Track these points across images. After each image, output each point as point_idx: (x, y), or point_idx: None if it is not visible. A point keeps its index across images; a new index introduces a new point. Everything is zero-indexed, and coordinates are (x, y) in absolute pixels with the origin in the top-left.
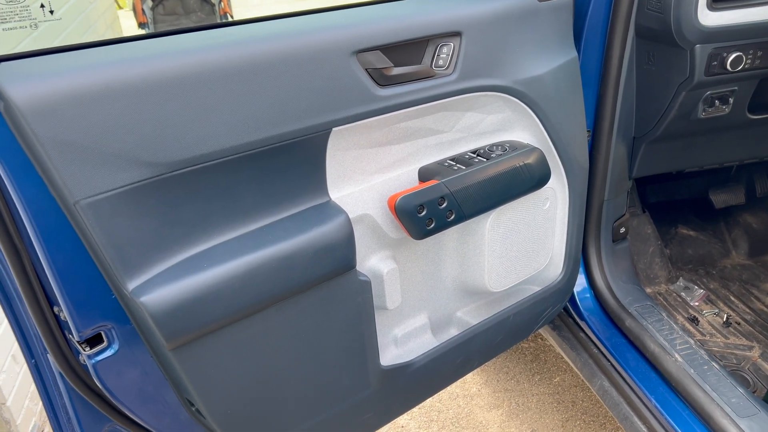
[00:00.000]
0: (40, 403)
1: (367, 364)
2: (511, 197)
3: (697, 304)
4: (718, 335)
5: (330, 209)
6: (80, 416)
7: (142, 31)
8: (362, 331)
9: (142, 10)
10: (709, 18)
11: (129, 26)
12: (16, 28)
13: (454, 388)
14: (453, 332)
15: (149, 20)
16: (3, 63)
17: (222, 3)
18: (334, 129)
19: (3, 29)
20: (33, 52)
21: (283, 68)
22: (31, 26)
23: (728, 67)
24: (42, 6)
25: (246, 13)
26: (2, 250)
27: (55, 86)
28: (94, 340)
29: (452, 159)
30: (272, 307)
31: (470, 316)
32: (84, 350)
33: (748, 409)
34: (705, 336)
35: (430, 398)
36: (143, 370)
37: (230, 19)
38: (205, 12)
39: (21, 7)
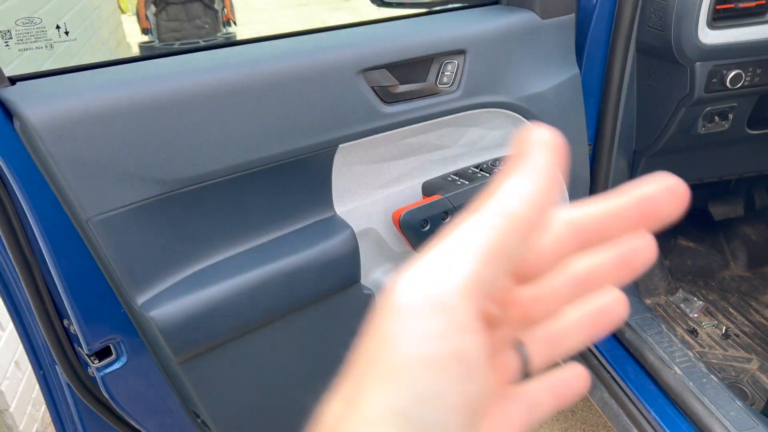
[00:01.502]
0: (43, 409)
1: None
2: None
3: (696, 315)
4: (717, 347)
5: (335, 223)
6: (87, 428)
7: (145, 37)
8: None
9: (146, 16)
10: (709, 36)
11: (132, 31)
12: (32, 48)
13: None
14: None
15: (152, 26)
16: (19, 83)
17: (225, 9)
18: (340, 145)
19: (19, 50)
20: (45, 72)
21: (291, 87)
22: (47, 47)
23: (728, 84)
24: (57, 27)
25: (249, 17)
26: (15, 263)
27: (69, 106)
28: (102, 353)
29: (455, 174)
30: (278, 321)
31: None
32: (93, 363)
33: (746, 422)
34: (704, 348)
35: None
36: (150, 382)
37: (233, 26)
38: (209, 18)
39: (37, 28)
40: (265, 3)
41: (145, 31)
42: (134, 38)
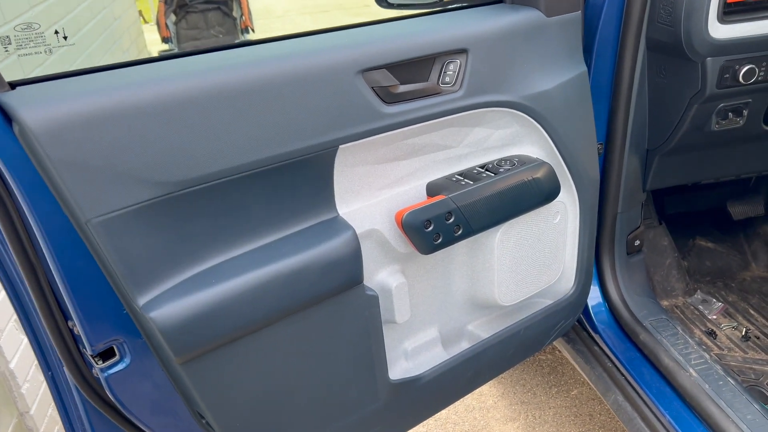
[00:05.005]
0: None
1: (376, 378)
2: (520, 212)
3: (715, 317)
4: (737, 349)
5: (337, 225)
6: (95, 427)
7: (165, 46)
8: (370, 345)
9: (166, 24)
10: (720, 31)
11: (153, 40)
12: (31, 54)
13: (470, 400)
14: (464, 345)
15: (172, 35)
16: (18, 88)
17: (243, 17)
18: (341, 146)
19: (18, 55)
20: (46, 76)
21: (291, 88)
22: (45, 52)
23: (741, 79)
24: (56, 32)
25: (269, 25)
26: (19, 266)
27: (67, 109)
28: (106, 354)
29: (460, 174)
30: (280, 321)
31: (481, 330)
32: (97, 363)
33: (763, 426)
34: (723, 350)
35: (446, 410)
36: (154, 383)
37: (251, 33)
38: (228, 26)
39: (36, 33)
40: (286, 10)
41: (165, 40)
42: (155, 47)
